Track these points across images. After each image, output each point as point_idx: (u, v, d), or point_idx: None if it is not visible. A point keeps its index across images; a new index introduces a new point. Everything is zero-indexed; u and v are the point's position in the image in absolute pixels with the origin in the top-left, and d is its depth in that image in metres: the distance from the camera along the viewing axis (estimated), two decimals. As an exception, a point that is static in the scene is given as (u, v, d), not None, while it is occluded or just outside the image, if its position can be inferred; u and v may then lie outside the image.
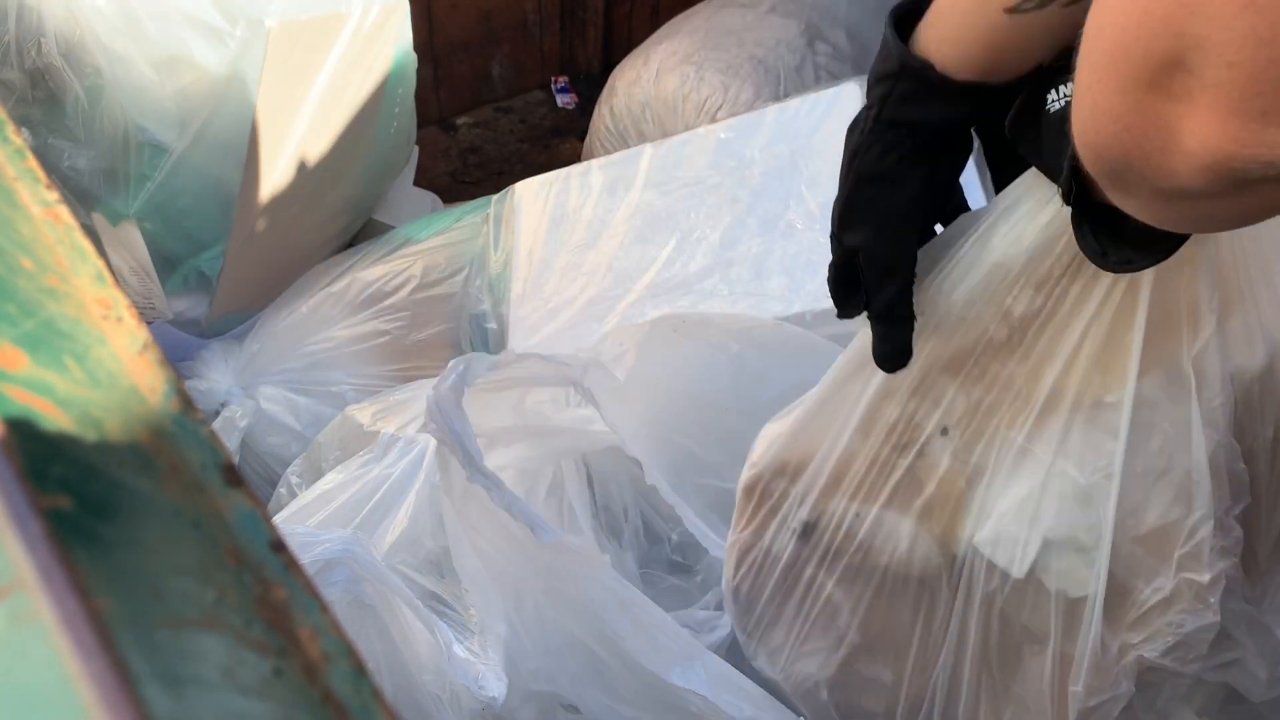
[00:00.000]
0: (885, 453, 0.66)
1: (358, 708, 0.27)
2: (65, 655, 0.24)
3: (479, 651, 0.98)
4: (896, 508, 0.68)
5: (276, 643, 0.27)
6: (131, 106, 1.17)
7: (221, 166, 1.25)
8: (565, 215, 1.33)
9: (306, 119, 1.31)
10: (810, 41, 1.69)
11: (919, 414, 0.64)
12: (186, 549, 0.29)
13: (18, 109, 1.17)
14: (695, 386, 0.93)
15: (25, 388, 0.30)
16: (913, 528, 0.68)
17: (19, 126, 1.19)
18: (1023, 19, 0.51)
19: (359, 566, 0.92)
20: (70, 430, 0.29)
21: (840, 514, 0.70)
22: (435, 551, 1.06)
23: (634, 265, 1.23)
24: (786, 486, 0.72)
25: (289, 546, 0.30)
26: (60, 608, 0.24)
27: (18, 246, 0.34)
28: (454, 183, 2.05)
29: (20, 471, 0.27)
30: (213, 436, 0.32)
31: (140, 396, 0.32)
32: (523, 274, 1.31)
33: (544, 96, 2.27)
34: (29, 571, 0.25)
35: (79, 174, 1.20)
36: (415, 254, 1.38)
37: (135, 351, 0.33)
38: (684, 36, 1.71)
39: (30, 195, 0.37)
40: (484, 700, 0.95)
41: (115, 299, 0.34)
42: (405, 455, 1.09)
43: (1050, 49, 0.53)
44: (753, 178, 1.22)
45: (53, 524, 0.26)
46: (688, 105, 1.64)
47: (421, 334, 1.34)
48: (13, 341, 0.31)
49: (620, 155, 1.36)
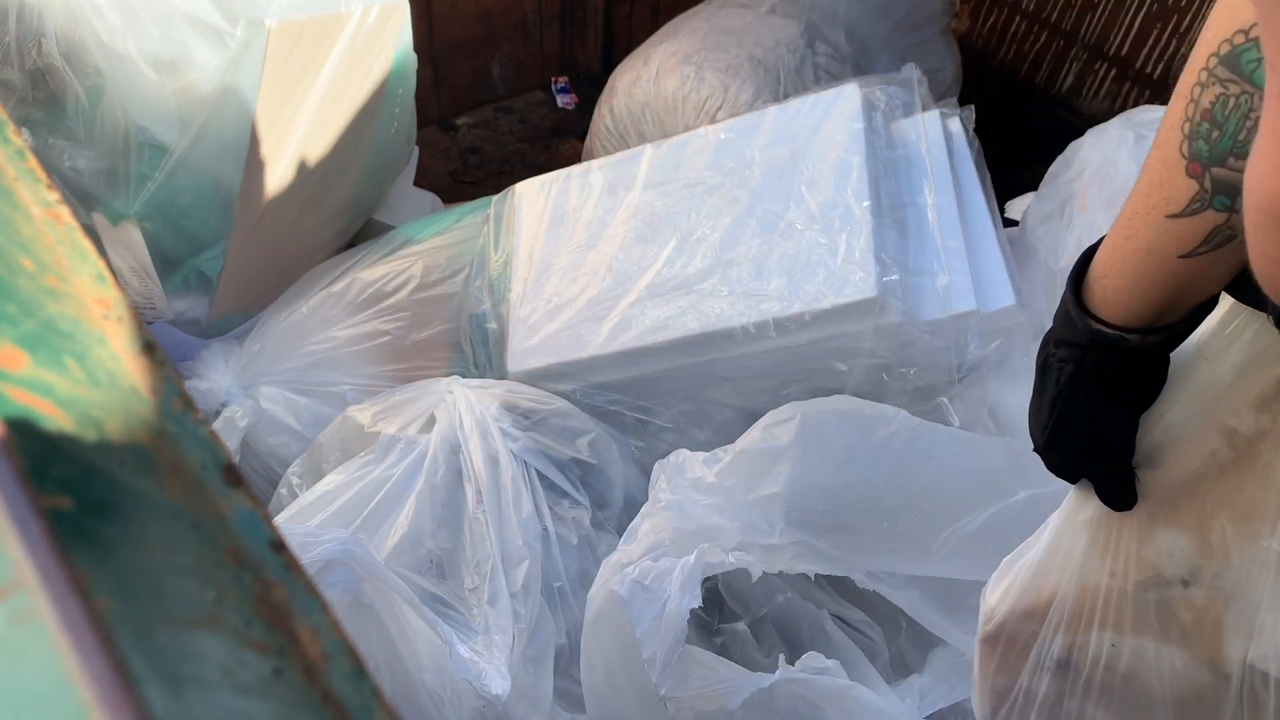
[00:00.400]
0: (1130, 588, 0.67)
1: (358, 707, 0.27)
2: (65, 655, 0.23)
3: (483, 651, 0.98)
4: (1152, 637, 0.67)
5: (276, 643, 0.27)
6: (132, 107, 1.17)
7: (222, 166, 1.25)
8: (565, 215, 1.33)
9: (306, 119, 1.31)
10: (810, 42, 1.69)
11: (1157, 559, 0.65)
12: (187, 549, 0.29)
13: (18, 109, 1.17)
14: (833, 480, 0.98)
15: (26, 388, 0.30)
16: (1176, 653, 0.67)
17: (19, 127, 1.19)
18: (1198, 259, 0.52)
19: (359, 566, 0.92)
20: (70, 430, 0.29)
21: (1095, 646, 0.70)
22: (436, 552, 1.07)
23: (634, 265, 1.22)
24: (1036, 628, 0.73)
25: (289, 546, 0.30)
26: (60, 608, 0.24)
27: (18, 246, 0.34)
28: (454, 183, 2.05)
29: (21, 471, 0.27)
30: (213, 437, 0.32)
31: (140, 397, 0.32)
32: (523, 274, 1.31)
33: (544, 96, 2.27)
34: (29, 571, 0.25)
35: (79, 174, 1.20)
36: (415, 254, 1.38)
37: (135, 352, 0.33)
38: (684, 37, 1.71)
39: (31, 195, 0.37)
40: (487, 699, 0.95)
41: (115, 299, 0.34)
42: (406, 457, 1.10)
43: (1229, 275, 0.53)
44: (753, 178, 1.22)
45: (53, 524, 0.26)
46: (688, 105, 1.64)
47: (422, 334, 1.34)
48: (13, 341, 0.31)
49: (620, 155, 1.36)
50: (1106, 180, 1.05)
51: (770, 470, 0.96)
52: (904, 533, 0.96)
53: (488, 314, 1.31)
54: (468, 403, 1.12)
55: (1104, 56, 2.09)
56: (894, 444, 0.98)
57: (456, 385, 1.16)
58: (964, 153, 1.22)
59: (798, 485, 0.95)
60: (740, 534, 0.94)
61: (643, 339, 1.16)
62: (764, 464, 0.97)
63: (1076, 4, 2.10)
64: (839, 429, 0.98)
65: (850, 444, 0.98)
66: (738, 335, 1.11)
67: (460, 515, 1.07)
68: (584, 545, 1.10)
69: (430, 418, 1.14)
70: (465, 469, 1.08)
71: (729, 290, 1.14)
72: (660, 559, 0.92)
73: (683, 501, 0.96)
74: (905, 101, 1.26)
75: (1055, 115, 2.20)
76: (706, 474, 0.97)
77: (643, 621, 0.88)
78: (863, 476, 0.97)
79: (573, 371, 1.21)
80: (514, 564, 1.03)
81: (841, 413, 0.99)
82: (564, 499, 1.12)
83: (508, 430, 1.11)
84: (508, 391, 1.16)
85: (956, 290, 1.08)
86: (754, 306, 1.11)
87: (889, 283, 1.06)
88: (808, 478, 0.96)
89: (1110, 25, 2.05)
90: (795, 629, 1.10)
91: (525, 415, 1.15)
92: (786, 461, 0.96)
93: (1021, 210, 1.25)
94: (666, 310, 1.16)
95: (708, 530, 0.95)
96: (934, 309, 1.08)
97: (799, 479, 0.95)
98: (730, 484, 0.96)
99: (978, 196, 1.19)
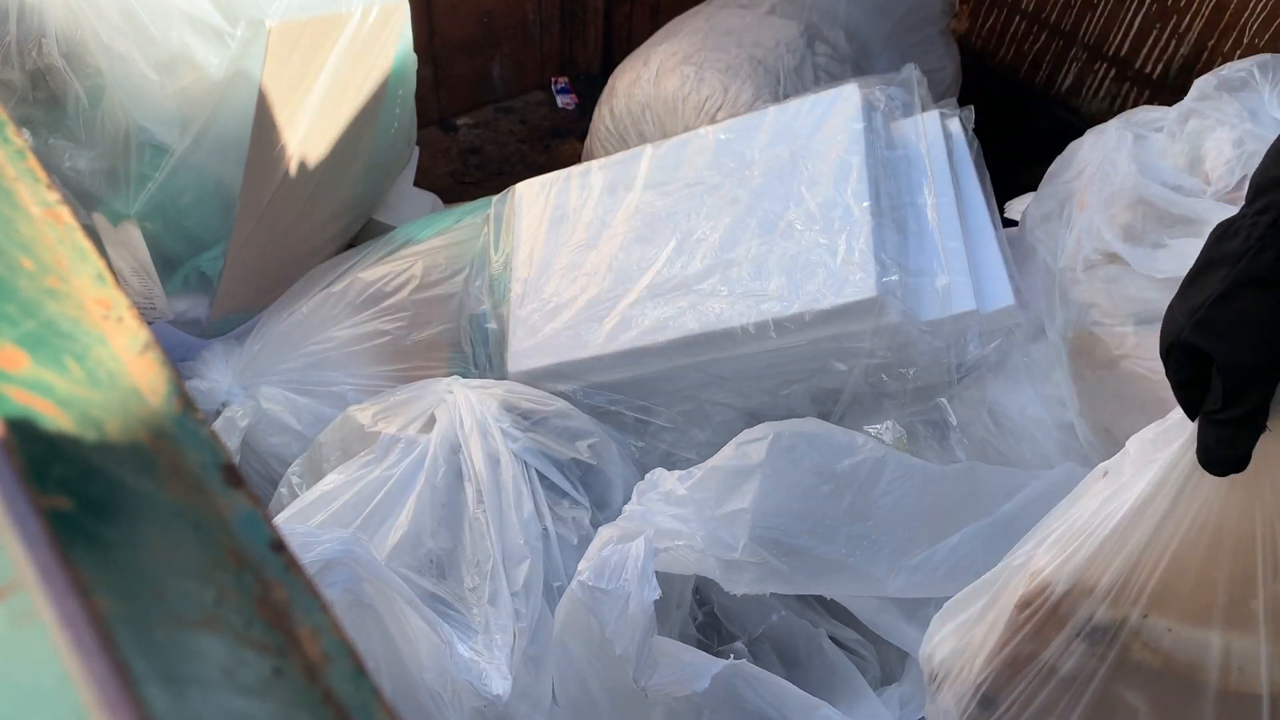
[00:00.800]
0: (1239, 574, 0.61)
1: (358, 707, 0.27)
2: (66, 655, 0.24)
3: (483, 650, 0.99)
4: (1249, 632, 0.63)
5: (277, 642, 0.27)
6: (132, 107, 1.17)
7: (222, 167, 1.25)
8: (565, 215, 1.33)
9: (307, 119, 1.31)
10: (810, 42, 1.69)
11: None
12: (187, 549, 0.29)
13: (19, 109, 1.17)
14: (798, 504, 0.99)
15: (26, 388, 0.30)
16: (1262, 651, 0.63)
17: (20, 127, 1.19)
18: None
19: (359, 566, 0.92)
20: (71, 430, 0.29)
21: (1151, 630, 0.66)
22: (436, 552, 1.07)
23: (634, 265, 1.22)
24: (1091, 604, 0.68)
25: (289, 546, 0.30)
26: (61, 608, 0.24)
27: (18, 247, 0.34)
28: (454, 183, 2.05)
29: (21, 471, 0.27)
30: (213, 437, 0.32)
31: (141, 397, 0.32)
32: (523, 274, 1.31)
33: (544, 97, 2.27)
34: (29, 571, 0.25)
35: (80, 174, 1.20)
36: (416, 254, 1.38)
37: (136, 352, 0.33)
38: (684, 37, 1.71)
39: (31, 196, 0.37)
40: (487, 698, 0.95)
41: (116, 299, 0.34)
42: (406, 457, 1.10)
43: None
44: (752, 178, 1.22)
45: (53, 524, 0.26)
46: (687, 106, 1.64)
47: (422, 334, 1.34)
48: (13, 342, 0.31)
49: (620, 156, 1.36)
50: (1105, 180, 1.05)
51: (739, 487, 0.97)
52: (858, 563, 0.97)
53: (488, 314, 1.32)
54: (468, 403, 1.12)
55: (1103, 57, 2.09)
56: (858, 474, 0.99)
57: (457, 385, 1.17)
58: (964, 153, 1.22)
59: (764, 504, 0.96)
60: (704, 545, 0.95)
61: (643, 339, 1.16)
62: (734, 481, 0.98)
63: (1076, 4, 2.10)
64: (807, 453, 0.99)
65: (816, 468, 0.99)
66: (737, 335, 1.11)
67: (460, 515, 1.08)
68: (584, 545, 1.10)
69: (430, 418, 1.15)
70: (465, 469, 1.09)
71: (729, 290, 1.14)
72: (610, 553, 0.92)
73: (647, 512, 0.97)
74: (905, 102, 1.26)
75: (1055, 115, 2.20)
76: (677, 488, 0.98)
77: (609, 621, 0.89)
78: (825, 503, 0.98)
79: (573, 371, 1.21)
80: (514, 563, 1.03)
81: (811, 436, 1.00)
82: (564, 499, 1.12)
83: (508, 430, 1.11)
84: (508, 392, 1.16)
85: (956, 290, 1.08)
86: (754, 306, 1.11)
87: (889, 283, 1.06)
88: (773, 498, 0.97)
89: (1110, 25, 2.05)
90: (792, 647, 1.11)
91: (525, 415, 1.15)
92: (755, 479, 0.97)
93: (1021, 210, 1.25)
94: (666, 310, 1.16)
95: (668, 534, 0.96)
96: (933, 309, 1.08)
97: (765, 498, 0.97)
98: (699, 498, 0.97)
99: (977, 196, 1.19)
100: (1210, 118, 1.01)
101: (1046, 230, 1.14)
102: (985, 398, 1.13)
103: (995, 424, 1.13)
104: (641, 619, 0.87)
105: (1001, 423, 1.13)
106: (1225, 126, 0.99)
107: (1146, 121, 1.11)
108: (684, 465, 1.16)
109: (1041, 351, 1.11)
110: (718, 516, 0.97)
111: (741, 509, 0.96)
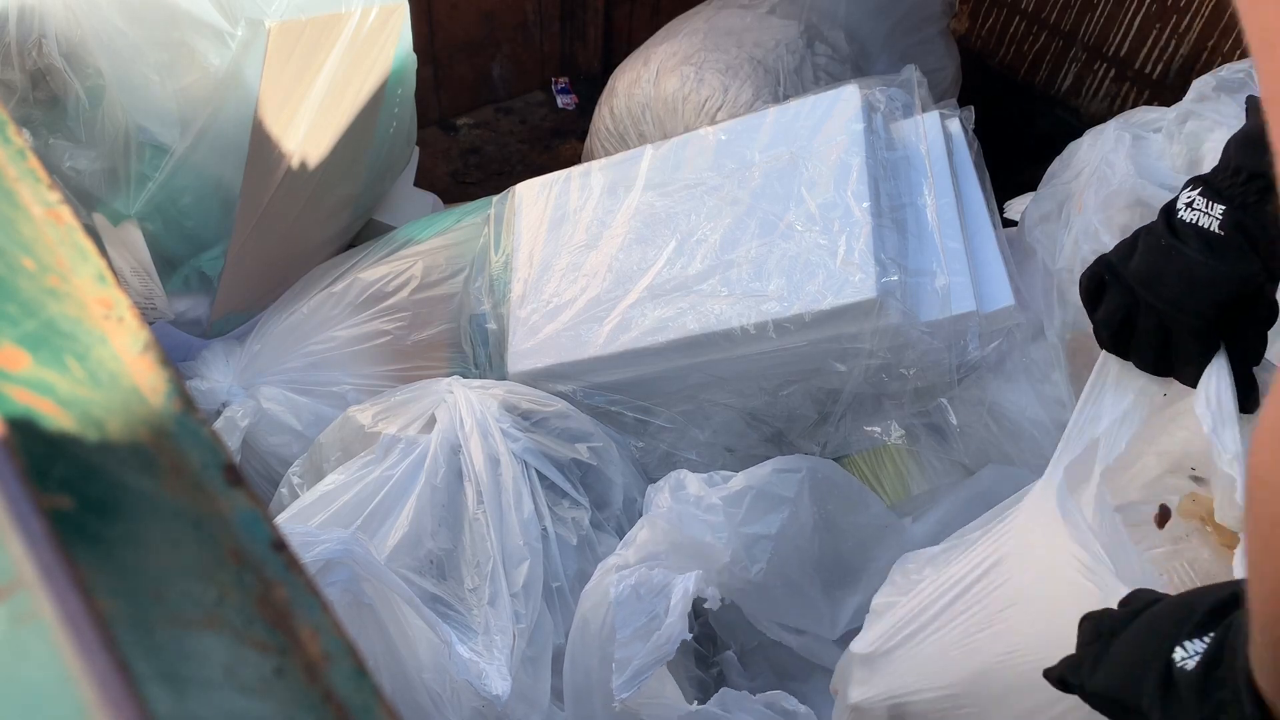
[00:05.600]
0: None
1: (358, 707, 0.27)
2: (67, 654, 0.24)
3: (483, 651, 0.99)
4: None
5: (277, 642, 0.27)
6: (132, 107, 1.17)
7: (222, 167, 1.25)
8: (565, 216, 1.33)
9: (307, 119, 1.31)
10: (810, 42, 1.69)
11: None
12: (188, 549, 0.29)
13: (19, 110, 1.17)
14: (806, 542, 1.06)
15: (27, 388, 0.30)
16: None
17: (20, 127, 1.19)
18: None
19: (359, 566, 0.92)
20: (71, 430, 0.29)
21: None
22: (436, 552, 1.07)
23: (634, 266, 1.22)
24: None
25: (290, 546, 0.30)
26: (62, 607, 0.24)
27: (19, 247, 0.34)
28: (454, 183, 2.05)
29: (22, 471, 0.27)
30: (214, 436, 0.32)
31: (141, 397, 0.32)
32: (523, 274, 1.31)
33: (544, 97, 2.27)
34: (31, 571, 0.25)
35: (80, 174, 1.20)
36: (416, 254, 1.38)
37: (136, 352, 0.33)
38: (684, 37, 1.71)
39: (32, 196, 0.37)
40: (487, 698, 0.95)
41: (116, 299, 0.34)
42: (406, 457, 1.10)
43: None
44: (752, 179, 1.22)
45: (54, 524, 0.26)
46: (687, 106, 1.64)
47: (422, 334, 1.34)
48: (14, 341, 0.31)
49: (620, 156, 1.36)
50: (1103, 181, 1.05)
51: (769, 514, 1.01)
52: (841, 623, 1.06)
53: (488, 314, 1.32)
54: (468, 403, 1.12)
55: (1103, 57, 2.09)
56: (861, 532, 1.07)
57: (457, 385, 1.17)
58: (963, 153, 1.22)
59: (787, 537, 1.01)
60: (729, 559, 0.98)
61: (642, 340, 1.16)
62: (766, 505, 1.01)
63: (1075, 4, 2.10)
64: (829, 498, 1.06)
65: (829, 519, 1.06)
66: (737, 336, 1.11)
67: (460, 515, 1.08)
68: (583, 546, 1.10)
69: (431, 418, 1.15)
70: (465, 469, 1.08)
71: (729, 291, 1.14)
72: (655, 569, 0.94)
73: (682, 513, 0.99)
74: (905, 102, 1.26)
75: (1054, 115, 2.21)
76: (710, 494, 1.01)
77: (628, 627, 0.90)
78: (832, 554, 1.05)
79: (573, 372, 1.21)
80: (514, 564, 1.03)
81: (835, 484, 1.06)
82: (564, 499, 1.12)
83: (508, 431, 1.11)
84: (508, 392, 1.16)
85: (956, 291, 1.08)
86: (754, 307, 1.11)
87: (888, 283, 1.06)
88: (794, 535, 1.02)
89: (1109, 26, 2.06)
90: (785, 659, 1.13)
91: (525, 416, 1.15)
92: (785, 510, 1.01)
93: (1021, 210, 1.25)
94: (666, 311, 1.16)
95: (701, 547, 0.98)
96: (933, 309, 1.08)
97: (789, 531, 1.02)
98: (731, 511, 1.00)
99: (977, 197, 1.19)
100: (1208, 119, 1.01)
101: (1045, 231, 1.14)
102: (985, 398, 1.13)
103: (995, 423, 1.13)
104: (665, 646, 0.90)
105: (1001, 423, 1.13)
106: (1223, 128, 0.99)
107: (1145, 122, 1.11)
108: (684, 465, 1.16)
109: (1041, 352, 1.11)
110: (745, 535, 1.00)
111: (768, 535, 1.00)
